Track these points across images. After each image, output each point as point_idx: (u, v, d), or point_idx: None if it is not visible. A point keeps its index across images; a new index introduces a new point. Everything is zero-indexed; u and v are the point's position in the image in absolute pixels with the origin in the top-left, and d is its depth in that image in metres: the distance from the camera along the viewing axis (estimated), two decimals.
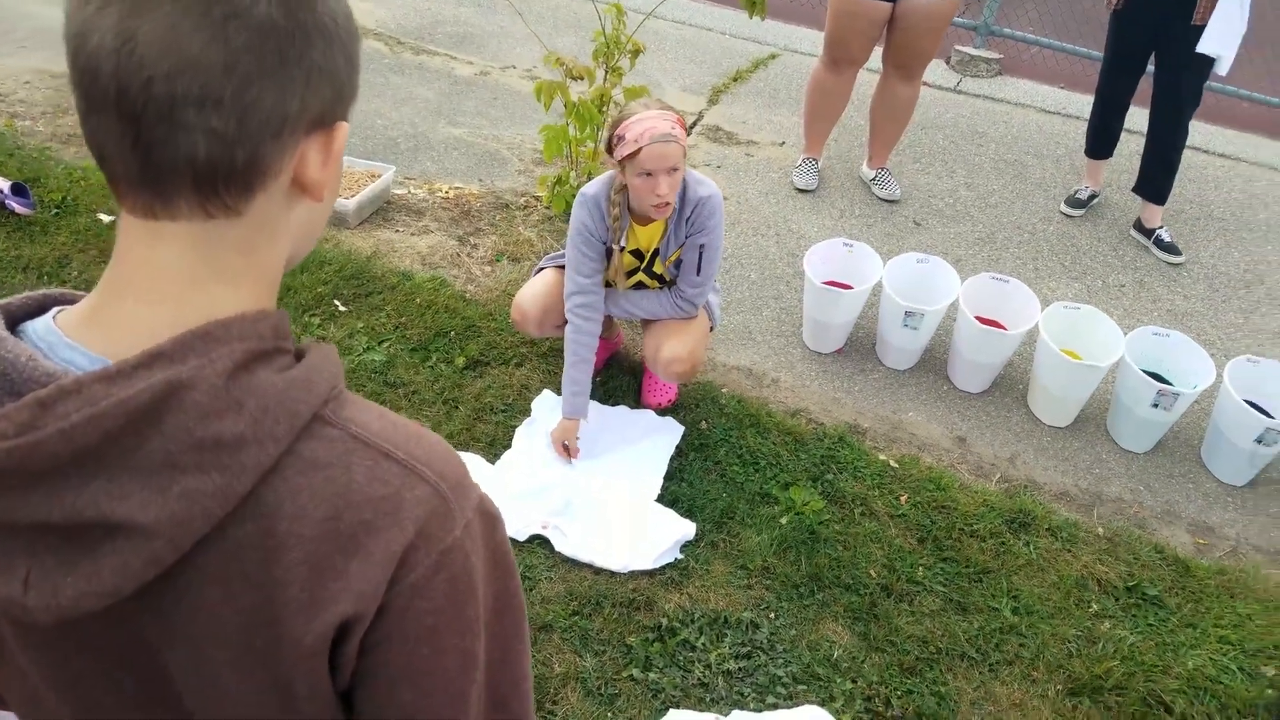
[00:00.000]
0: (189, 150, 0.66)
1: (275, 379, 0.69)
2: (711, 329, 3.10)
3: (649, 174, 2.55)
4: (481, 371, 3.21)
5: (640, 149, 2.51)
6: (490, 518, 0.79)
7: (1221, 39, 3.68)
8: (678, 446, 2.98)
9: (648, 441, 2.97)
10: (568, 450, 2.90)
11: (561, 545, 2.64)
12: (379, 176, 4.01)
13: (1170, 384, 3.16)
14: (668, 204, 2.61)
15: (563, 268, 2.92)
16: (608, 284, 2.89)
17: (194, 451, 0.64)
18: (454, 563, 0.73)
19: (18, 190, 3.71)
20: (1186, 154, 4.15)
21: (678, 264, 2.87)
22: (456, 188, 4.22)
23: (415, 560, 0.71)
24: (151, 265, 0.70)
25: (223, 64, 0.64)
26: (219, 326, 0.68)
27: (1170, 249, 4.19)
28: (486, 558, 0.78)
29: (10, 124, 4.32)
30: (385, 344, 3.27)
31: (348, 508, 0.69)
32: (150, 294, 0.70)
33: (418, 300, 3.46)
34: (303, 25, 0.68)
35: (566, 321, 2.85)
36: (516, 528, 2.67)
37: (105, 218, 3.76)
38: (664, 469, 2.88)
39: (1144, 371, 3.13)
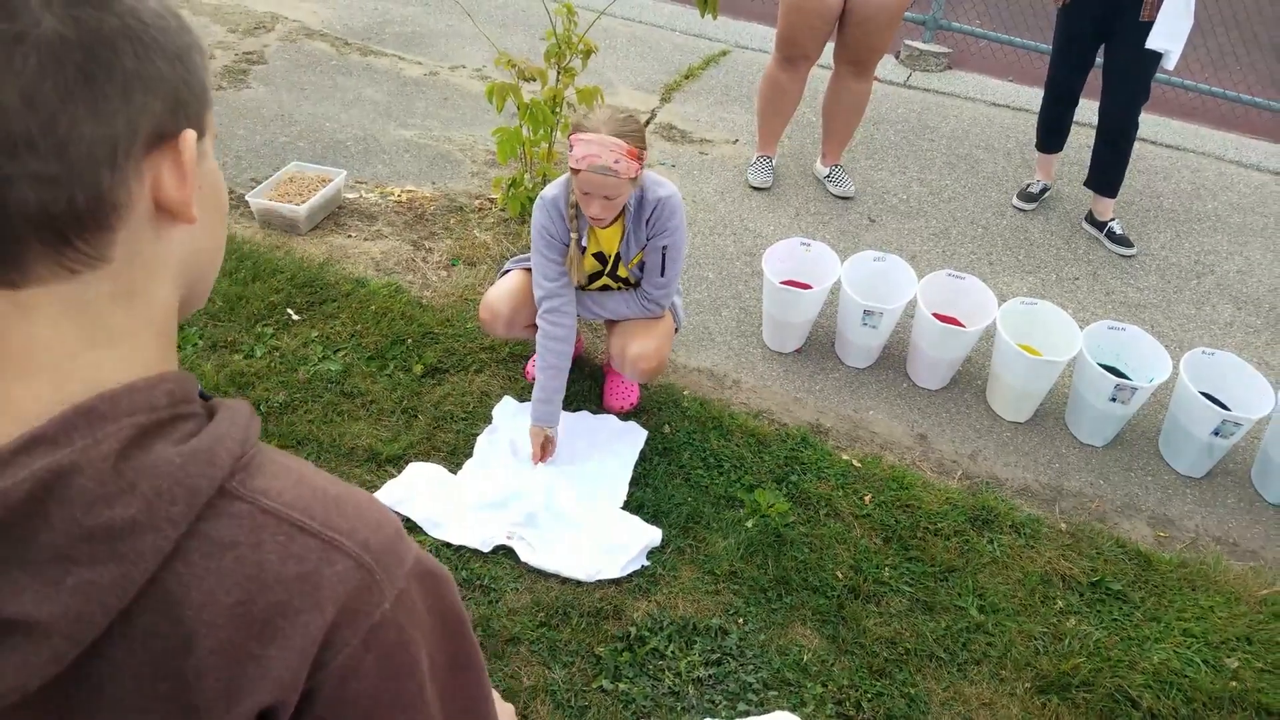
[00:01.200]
0: (19, 204, 0.59)
1: (171, 454, 0.63)
2: (676, 330, 3.07)
3: (586, 194, 2.57)
4: (440, 379, 3.16)
5: (580, 170, 2.53)
6: (433, 578, 0.74)
7: (1170, 34, 3.72)
8: (642, 451, 2.95)
9: (612, 448, 2.94)
10: (543, 449, 2.87)
11: (527, 556, 2.60)
12: (330, 181, 3.94)
13: (1127, 378, 3.19)
14: (600, 220, 2.64)
15: (529, 270, 2.89)
16: None
17: (85, 543, 0.59)
18: (385, 639, 0.69)
19: None
20: (1137, 145, 4.19)
21: (641, 266, 2.85)
22: (409, 191, 4.16)
23: (340, 641, 0.66)
24: (25, 339, 0.64)
25: (19, 98, 0.58)
26: (105, 401, 0.63)
27: (1122, 241, 4.23)
28: (431, 623, 0.73)
29: None
30: (341, 353, 3.21)
31: (260, 590, 0.64)
32: (28, 371, 0.64)
33: (373, 307, 3.40)
34: (100, 34, 0.61)
35: (535, 324, 2.82)
36: (480, 538, 2.63)
37: None
38: (629, 475, 2.86)
39: (1101, 365, 3.15)
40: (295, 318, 3.34)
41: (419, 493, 2.74)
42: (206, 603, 0.63)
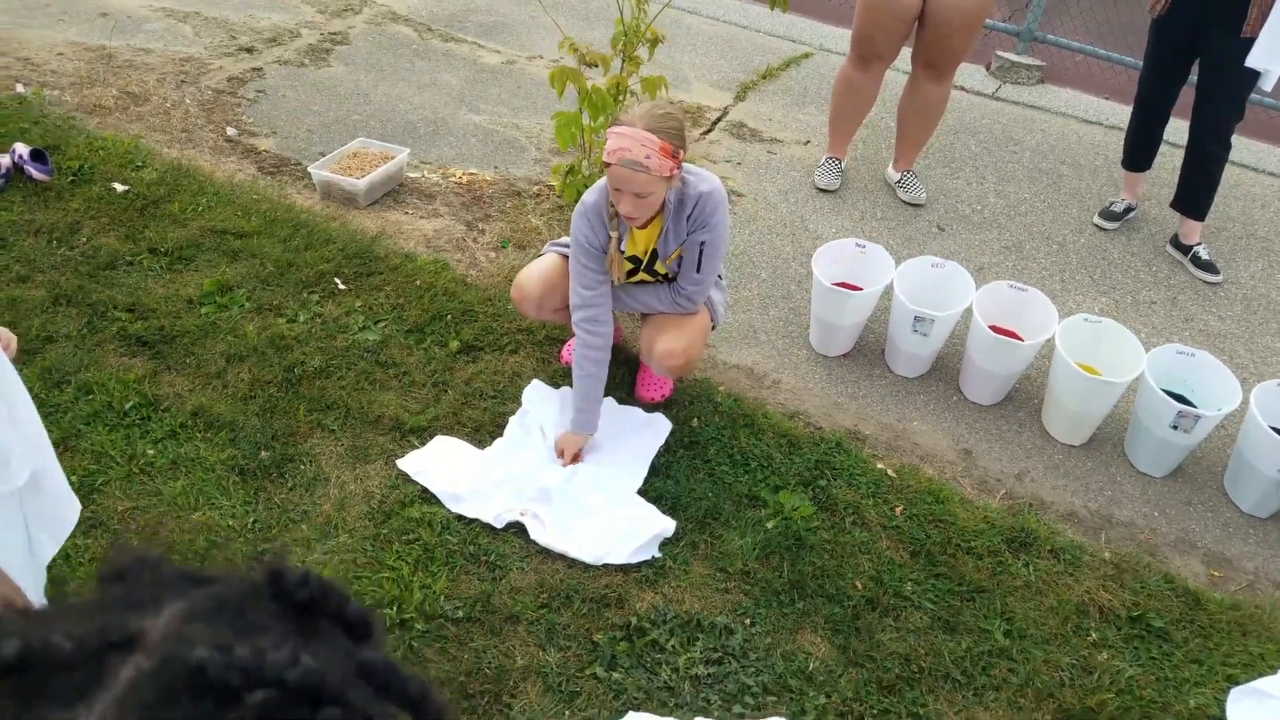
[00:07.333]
0: None
1: None
2: (714, 327, 2.99)
3: (616, 189, 2.49)
4: (475, 356, 3.13)
5: (610, 164, 2.45)
6: None
7: (1271, 53, 3.50)
8: (667, 442, 2.87)
9: (634, 437, 2.88)
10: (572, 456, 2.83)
11: (538, 534, 2.55)
12: (392, 158, 3.96)
13: (1193, 405, 2.99)
14: (633, 220, 2.55)
15: (567, 255, 2.84)
16: None
17: None
18: None
19: (36, 156, 3.72)
20: (1233, 171, 3.97)
21: (679, 261, 2.77)
22: (471, 173, 4.16)
23: None
24: None
25: None
26: None
27: (1208, 267, 4.00)
28: None
29: (39, 92, 4.32)
30: (381, 324, 3.21)
31: None
32: None
33: (418, 282, 3.39)
34: None
35: (566, 306, 2.78)
36: (495, 514, 2.59)
37: (119, 187, 3.73)
38: (648, 464, 2.79)
39: (1166, 392, 2.96)
40: (341, 287, 3.35)
41: (440, 465, 2.71)
42: None
